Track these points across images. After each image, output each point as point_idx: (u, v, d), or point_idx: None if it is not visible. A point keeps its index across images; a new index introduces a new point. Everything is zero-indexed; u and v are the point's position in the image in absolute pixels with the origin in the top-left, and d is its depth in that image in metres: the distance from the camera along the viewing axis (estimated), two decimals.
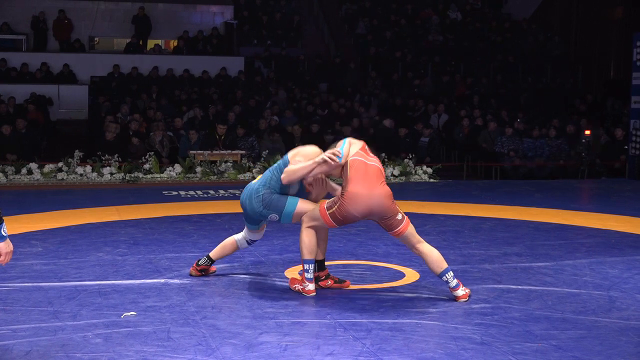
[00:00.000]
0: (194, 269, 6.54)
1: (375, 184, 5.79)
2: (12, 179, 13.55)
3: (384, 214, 5.80)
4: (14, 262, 6.70)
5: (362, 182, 5.77)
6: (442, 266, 5.81)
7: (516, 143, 16.31)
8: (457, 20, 24.18)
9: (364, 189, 5.75)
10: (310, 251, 5.89)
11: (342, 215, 5.79)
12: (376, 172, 5.87)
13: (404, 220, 5.86)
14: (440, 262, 5.82)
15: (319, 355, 4.57)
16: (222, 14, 23.24)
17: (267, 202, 6.02)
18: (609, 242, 8.30)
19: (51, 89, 19.04)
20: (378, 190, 5.77)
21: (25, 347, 4.62)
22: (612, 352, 4.68)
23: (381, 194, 5.76)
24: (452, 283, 5.79)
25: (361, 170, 5.81)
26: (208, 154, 14.61)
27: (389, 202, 5.79)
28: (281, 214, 6.03)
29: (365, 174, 5.80)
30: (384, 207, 5.77)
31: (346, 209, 5.75)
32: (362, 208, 5.74)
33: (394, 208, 5.82)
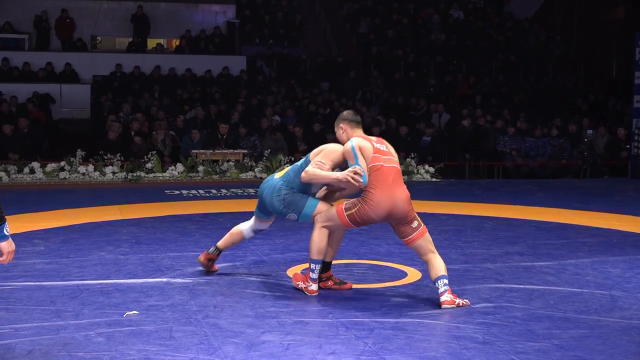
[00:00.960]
0: (203, 256, 6.61)
1: (396, 187, 5.73)
2: (15, 178, 13.57)
3: (402, 219, 5.75)
4: (17, 261, 6.70)
5: (384, 187, 5.70)
6: (438, 273, 5.71)
7: (518, 142, 16.31)
8: (459, 19, 24.17)
9: (386, 194, 5.68)
10: (319, 251, 5.87)
11: (362, 219, 5.76)
12: (396, 174, 5.80)
13: (418, 230, 5.78)
14: (439, 269, 5.72)
15: (321, 354, 4.57)
16: (224, 13, 23.24)
17: (288, 201, 6.03)
18: (611, 242, 8.30)
19: (53, 88, 19.05)
20: (399, 194, 5.71)
21: (27, 346, 4.63)
22: (614, 352, 4.68)
23: (402, 197, 5.71)
24: (441, 289, 5.66)
25: (382, 174, 5.73)
26: (210, 153, 14.61)
27: (409, 207, 5.75)
28: (300, 214, 6.04)
29: (386, 178, 5.72)
30: (403, 212, 5.72)
31: (367, 213, 5.70)
32: (383, 212, 5.70)
33: (412, 213, 5.77)
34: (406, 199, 5.73)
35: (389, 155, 5.87)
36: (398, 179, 5.79)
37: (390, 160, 5.83)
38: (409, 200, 5.76)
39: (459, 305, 5.61)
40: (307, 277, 5.95)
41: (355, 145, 5.84)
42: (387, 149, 5.91)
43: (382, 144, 5.92)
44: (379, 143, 5.91)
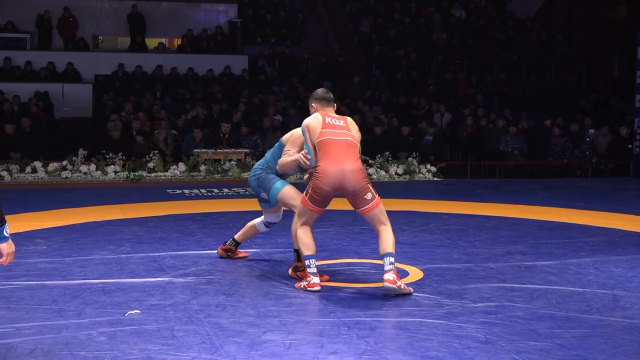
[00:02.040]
0: (220, 249, 7.08)
1: (344, 158, 5.88)
2: (17, 178, 13.58)
3: (354, 190, 5.87)
4: (19, 260, 6.71)
5: (331, 157, 5.90)
6: (386, 249, 5.84)
7: (520, 141, 16.30)
8: (461, 18, 24.15)
9: (333, 164, 5.87)
10: (307, 246, 6.00)
11: (316, 194, 5.91)
12: (345, 146, 5.93)
13: (373, 201, 5.90)
14: (387, 245, 5.85)
15: (322, 353, 4.57)
16: (226, 13, 23.23)
17: (260, 180, 6.58)
18: (613, 241, 8.29)
19: (55, 87, 19.05)
20: (348, 166, 5.86)
21: (29, 345, 4.63)
22: (616, 351, 4.67)
23: (351, 169, 5.85)
24: (387, 267, 5.80)
25: (330, 146, 5.92)
26: (212, 152, 14.62)
27: (359, 177, 5.86)
28: (269, 193, 6.52)
29: (334, 150, 5.91)
30: (353, 182, 5.84)
31: (318, 186, 5.89)
32: (333, 183, 5.84)
33: (364, 185, 5.88)
34: (356, 170, 5.86)
35: (344, 129, 6.01)
36: (348, 151, 5.91)
37: (342, 134, 5.97)
38: (360, 172, 5.88)
39: (399, 287, 5.77)
40: (305, 273, 5.98)
41: (305, 126, 6.12)
42: (343, 124, 6.05)
43: (340, 119, 6.09)
44: (337, 119, 6.08)
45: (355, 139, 6.02)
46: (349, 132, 6.02)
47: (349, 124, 6.11)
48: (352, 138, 6.00)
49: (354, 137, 6.03)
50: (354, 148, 5.97)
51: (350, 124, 6.12)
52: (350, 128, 6.07)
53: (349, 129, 6.05)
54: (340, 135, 5.98)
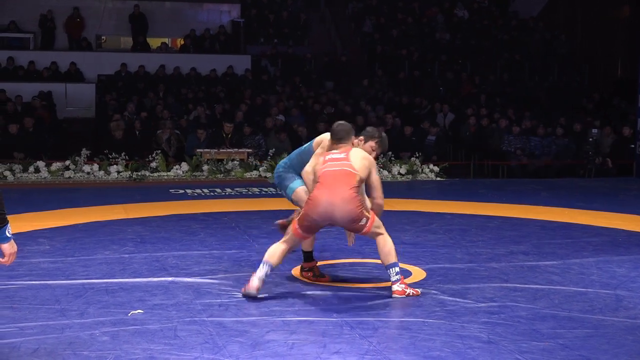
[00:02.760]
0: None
1: (336, 188, 5.75)
2: (20, 177, 13.58)
3: (347, 220, 5.78)
4: (21, 260, 6.72)
5: (324, 187, 5.80)
6: (389, 260, 5.82)
7: (523, 142, 16.29)
8: (464, 18, 24.14)
9: (324, 194, 5.75)
10: (270, 255, 5.89)
11: (306, 220, 5.83)
12: (339, 176, 5.81)
13: (368, 223, 5.79)
14: (388, 256, 5.82)
15: (325, 353, 4.57)
16: (229, 12, 23.23)
17: (281, 179, 6.58)
18: (616, 241, 8.29)
19: (58, 87, 19.05)
20: (339, 196, 5.72)
21: (32, 344, 4.64)
22: (619, 351, 4.67)
23: (341, 199, 5.71)
24: (393, 278, 5.82)
25: (322, 177, 5.85)
26: (215, 152, 14.62)
27: (350, 207, 5.71)
28: (286, 192, 6.53)
29: (329, 179, 5.81)
30: (344, 213, 5.72)
31: (307, 213, 5.80)
32: (322, 212, 5.74)
33: (357, 214, 5.74)
34: (347, 200, 5.71)
35: (342, 160, 5.90)
36: (343, 179, 5.78)
37: (337, 165, 5.87)
38: (352, 201, 5.72)
39: (409, 295, 5.78)
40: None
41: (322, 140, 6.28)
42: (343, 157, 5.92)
43: (341, 153, 5.97)
44: (338, 153, 5.98)
45: (354, 168, 5.83)
46: (347, 161, 5.87)
47: (350, 155, 5.93)
48: (350, 168, 5.83)
49: (353, 167, 5.84)
50: (350, 177, 5.79)
51: (352, 155, 5.95)
52: (351, 158, 5.91)
53: (349, 159, 5.89)
54: (335, 166, 5.87)
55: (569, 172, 16.06)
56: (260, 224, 9.00)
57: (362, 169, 5.87)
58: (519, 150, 16.07)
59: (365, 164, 5.91)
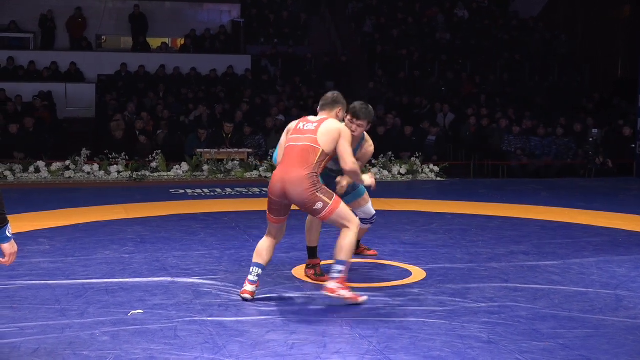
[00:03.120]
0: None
1: (291, 165, 5.62)
2: (20, 177, 13.59)
3: (298, 201, 5.61)
4: (22, 260, 6.72)
5: (282, 165, 5.73)
6: (340, 255, 5.59)
7: (523, 141, 16.29)
8: (464, 18, 24.14)
9: (279, 172, 5.68)
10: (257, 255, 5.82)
11: (269, 202, 5.77)
12: (299, 152, 5.65)
13: (326, 209, 5.56)
14: (339, 251, 5.60)
15: (325, 353, 4.57)
16: (229, 12, 23.23)
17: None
18: (616, 241, 8.29)
19: (58, 87, 19.06)
20: (291, 173, 5.58)
21: (32, 344, 4.64)
22: (619, 351, 4.67)
23: (292, 177, 5.56)
24: (334, 274, 5.59)
25: (286, 152, 5.77)
26: (215, 152, 14.62)
27: (301, 188, 5.54)
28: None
29: (287, 156, 5.73)
30: (295, 193, 5.56)
31: (268, 193, 5.78)
32: (276, 191, 5.64)
33: (308, 196, 5.55)
34: (297, 179, 5.55)
35: (309, 133, 5.72)
36: (297, 158, 5.63)
37: (303, 139, 5.70)
38: (302, 181, 5.54)
39: (341, 297, 5.53)
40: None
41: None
42: (314, 127, 5.74)
43: (314, 123, 5.79)
44: (311, 123, 5.80)
45: (317, 142, 5.65)
46: (314, 135, 5.68)
47: (320, 126, 5.73)
48: (313, 142, 5.66)
49: (316, 141, 5.65)
50: (309, 153, 5.63)
51: (322, 126, 5.73)
52: (319, 130, 5.70)
53: (316, 132, 5.70)
54: (301, 140, 5.70)
55: (569, 172, 16.06)
56: (260, 224, 8.99)
57: (326, 142, 5.66)
58: (519, 150, 16.07)
59: (333, 136, 5.67)
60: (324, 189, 5.64)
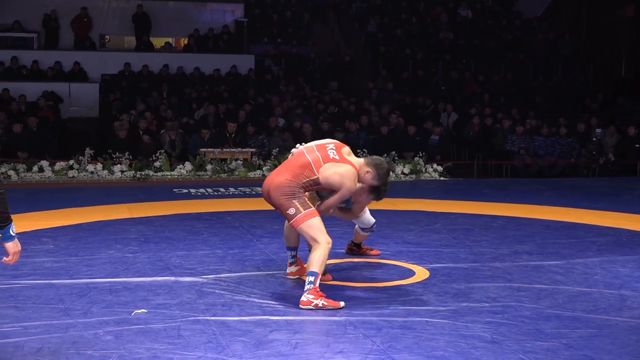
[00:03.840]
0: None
1: (280, 170, 5.88)
2: (24, 177, 13.60)
3: (275, 205, 5.83)
4: (25, 260, 6.73)
5: (280, 165, 6.06)
6: (310, 267, 5.59)
7: (527, 141, 16.28)
8: (468, 18, 24.12)
9: (272, 172, 6.01)
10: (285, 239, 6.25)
11: None
12: (292, 160, 5.89)
13: (297, 216, 5.67)
14: (313, 262, 5.58)
15: (329, 353, 4.57)
16: (232, 12, 23.24)
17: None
18: (620, 241, 8.27)
19: (62, 87, 19.09)
20: (275, 178, 5.81)
21: (36, 344, 4.64)
22: (622, 351, 4.66)
23: (273, 183, 5.79)
24: (306, 286, 5.56)
25: (293, 156, 6.02)
26: (218, 151, 14.63)
27: (278, 193, 5.73)
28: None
29: (289, 160, 5.99)
30: (273, 197, 5.79)
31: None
32: (263, 190, 5.92)
33: (283, 202, 5.71)
34: (277, 185, 5.75)
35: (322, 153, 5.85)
36: (291, 165, 5.84)
37: (312, 154, 5.87)
38: (281, 187, 5.72)
39: (316, 307, 5.46)
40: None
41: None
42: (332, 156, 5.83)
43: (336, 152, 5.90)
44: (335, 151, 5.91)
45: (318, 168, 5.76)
46: (323, 162, 5.79)
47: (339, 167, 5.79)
48: (314, 164, 5.78)
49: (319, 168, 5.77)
50: (304, 169, 5.76)
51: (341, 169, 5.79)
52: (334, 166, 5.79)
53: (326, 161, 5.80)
54: (310, 154, 5.85)
55: (573, 171, 16.05)
56: (263, 224, 9.00)
57: (326, 177, 5.78)
58: (523, 150, 16.05)
59: (336, 181, 5.77)
60: (303, 199, 5.75)
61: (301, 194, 5.75)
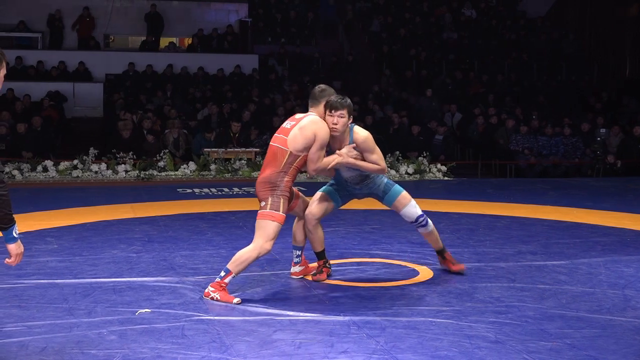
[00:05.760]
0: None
1: (264, 166, 5.89)
2: (28, 177, 13.63)
3: (257, 195, 5.85)
4: (29, 259, 6.74)
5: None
6: (229, 264, 5.67)
7: (531, 141, 16.27)
8: (472, 17, 24.11)
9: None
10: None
11: None
12: (269, 154, 5.88)
13: (261, 211, 5.72)
14: (234, 261, 5.66)
15: (332, 352, 4.57)
16: (236, 12, 23.26)
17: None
18: (624, 241, 8.26)
19: (66, 86, 19.13)
20: (261, 175, 5.85)
21: (40, 343, 4.65)
22: (627, 351, 4.66)
23: (261, 177, 5.84)
24: (217, 279, 5.68)
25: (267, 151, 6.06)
26: (222, 151, 14.64)
27: (261, 187, 5.78)
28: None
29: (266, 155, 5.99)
30: (257, 190, 5.84)
31: None
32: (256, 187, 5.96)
33: (262, 195, 5.75)
34: (258, 182, 5.83)
35: (283, 133, 5.85)
36: (269, 158, 5.85)
37: (276, 140, 5.88)
38: (264, 183, 5.77)
39: (212, 299, 5.62)
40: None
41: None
42: (290, 126, 5.85)
43: (293, 120, 5.91)
44: (290, 121, 5.93)
45: (285, 143, 5.76)
46: (285, 137, 5.79)
47: (296, 126, 5.81)
48: (280, 144, 5.78)
49: (285, 142, 5.76)
50: (277, 157, 5.78)
51: (299, 126, 5.80)
52: (292, 130, 5.79)
53: (288, 132, 5.79)
54: (275, 140, 5.87)
55: (577, 171, 16.04)
56: None
57: (296, 143, 5.77)
58: (527, 150, 16.04)
59: (305, 136, 5.76)
60: (281, 196, 5.75)
61: (282, 187, 5.75)
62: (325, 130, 5.84)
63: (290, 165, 5.77)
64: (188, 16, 22.85)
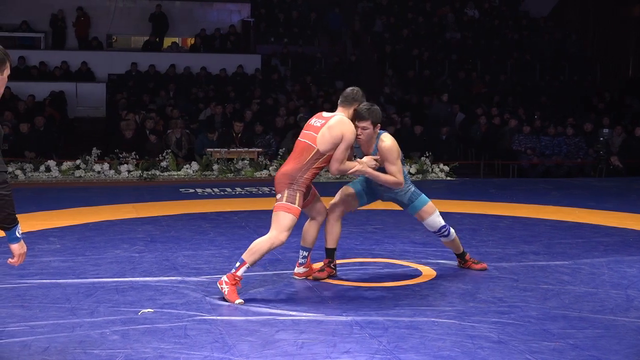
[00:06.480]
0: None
1: (289, 160, 5.97)
2: (31, 176, 13.64)
3: (275, 188, 5.95)
4: (32, 259, 6.74)
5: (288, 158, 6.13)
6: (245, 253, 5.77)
7: (533, 141, 16.26)
8: (475, 17, 24.10)
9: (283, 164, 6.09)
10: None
11: None
12: (297, 149, 5.97)
13: (279, 202, 5.82)
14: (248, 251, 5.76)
15: (335, 353, 4.57)
16: (239, 12, 23.27)
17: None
18: (627, 241, 8.26)
19: (69, 86, 19.14)
20: (283, 167, 5.94)
21: (43, 343, 4.65)
22: (629, 351, 4.65)
23: (278, 173, 5.96)
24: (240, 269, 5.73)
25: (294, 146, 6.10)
26: (225, 151, 14.64)
27: (281, 180, 5.86)
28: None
29: (292, 151, 6.06)
30: (276, 182, 5.92)
31: None
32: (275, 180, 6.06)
33: (281, 188, 5.84)
34: (283, 172, 5.89)
35: (313, 130, 5.94)
36: (295, 154, 5.94)
37: (306, 136, 5.97)
38: (286, 176, 5.85)
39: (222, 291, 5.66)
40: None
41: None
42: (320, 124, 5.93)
43: (322, 119, 5.99)
44: (319, 119, 6.02)
45: (315, 141, 5.85)
46: (315, 134, 5.87)
47: (326, 124, 5.89)
48: (310, 140, 5.87)
49: (315, 140, 5.85)
50: (305, 152, 5.86)
51: (328, 124, 5.89)
52: (322, 128, 5.87)
53: (319, 130, 5.88)
54: (304, 137, 5.96)
55: (580, 171, 16.02)
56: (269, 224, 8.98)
57: (324, 142, 5.86)
58: (530, 150, 16.03)
59: (333, 136, 5.85)
60: (298, 190, 5.83)
61: (300, 181, 5.83)
62: (352, 132, 5.96)
63: (313, 163, 5.86)
64: (191, 16, 22.86)
